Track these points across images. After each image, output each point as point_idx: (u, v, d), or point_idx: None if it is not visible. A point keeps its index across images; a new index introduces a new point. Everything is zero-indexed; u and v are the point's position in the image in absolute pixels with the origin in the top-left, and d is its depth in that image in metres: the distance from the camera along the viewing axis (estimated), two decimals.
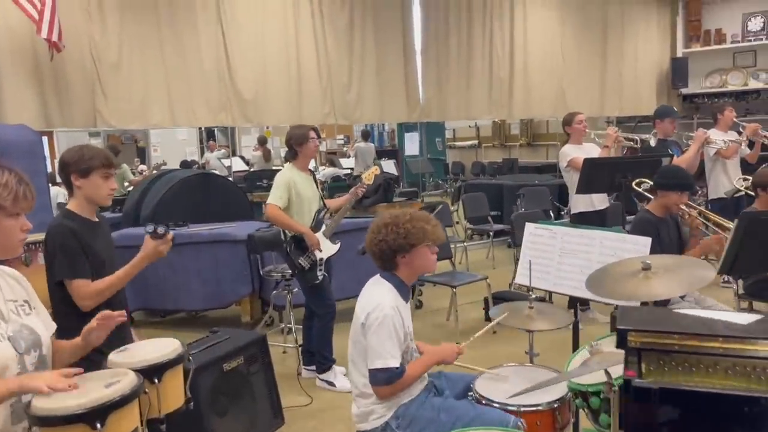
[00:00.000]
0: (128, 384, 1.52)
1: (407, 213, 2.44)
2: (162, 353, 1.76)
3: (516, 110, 8.16)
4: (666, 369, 1.14)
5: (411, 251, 2.37)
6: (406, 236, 2.35)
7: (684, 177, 3.67)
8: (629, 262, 2.45)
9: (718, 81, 9.50)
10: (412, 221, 2.37)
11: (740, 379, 1.09)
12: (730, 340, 1.06)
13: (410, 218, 2.39)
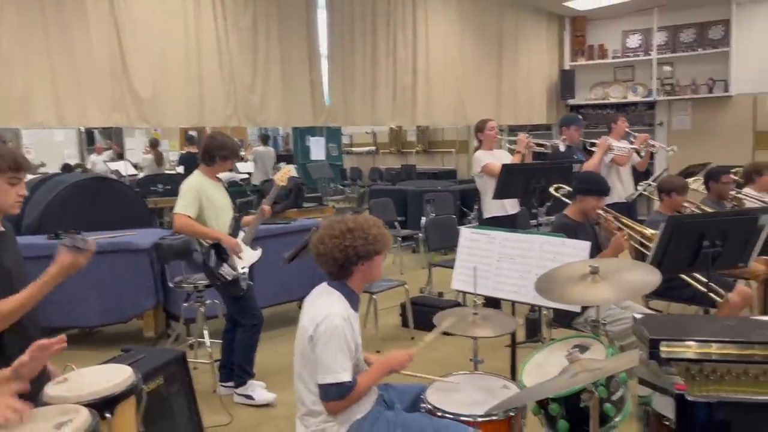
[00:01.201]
0: (82, 424, 1.27)
1: (365, 218, 2.31)
2: (112, 383, 1.51)
3: (419, 117, 8.24)
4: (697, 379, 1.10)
5: (373, 258, 2.26)
6: (373, 242, 2.23)
7: (601, 183, 3.82)
8: (575, 266, 2.48)
9: (601, 93, 10.14)
10: (378, 227, 2.26)
11: None
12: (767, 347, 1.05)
13: (375, 224, 2.27)
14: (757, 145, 9.02)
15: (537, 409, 2.23)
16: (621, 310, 3.55)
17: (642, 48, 9.78)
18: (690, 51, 9.37)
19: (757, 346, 1.05)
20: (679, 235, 2.94)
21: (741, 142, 9.09)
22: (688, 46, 9.42)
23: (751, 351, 1.06)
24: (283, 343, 2.44)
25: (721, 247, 3.01)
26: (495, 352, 3.38)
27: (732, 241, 3.05)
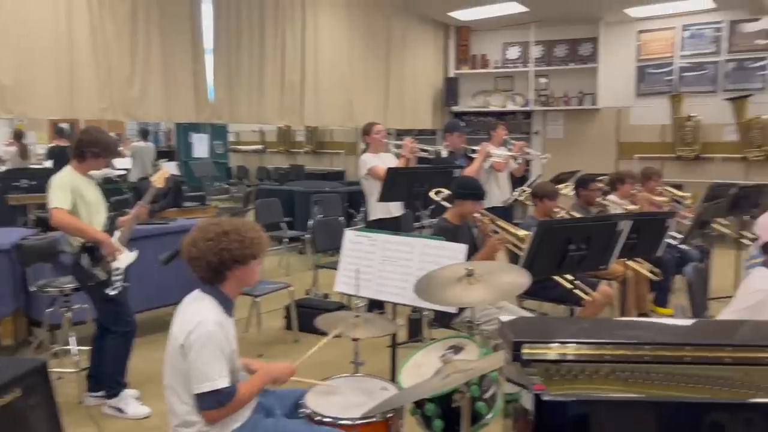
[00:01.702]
0: None
1: (242, 221, 2.26)
2: None
3: (307, 117, 8.19)
4: (555, 378, 1.17)
5: (249, 263, 2.20)
6: (249, 246, 2.17)
7: (478, 187, 3.97)
8: (453, 269, 2.56)
9: (483, 101, 10.58)
10: (255, 230, 2.21)
11: (618, 383, 1.17)
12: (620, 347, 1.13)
13: (252, 227, 2.22)
14: (620, 154, 9.79)
15: (414, 409, 2.28)
16: (496, 309, 3.71)
17: (521, 60, 10.32)
18: (563, 65, 10.01)
19: (607, 346, 1.14)
20: (548, 239, 3.12)
21: (606, 151, 9.84)
22: (561, 61, 10.05)
23: (602, 351, 1.14)
24: (158, 349, 2.33)
25: (586, 251, 3.23)
26: (377, 353, 3.42)
27: (595, 244, 3.28)
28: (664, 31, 9.34)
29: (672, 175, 9.23)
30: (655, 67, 9.46)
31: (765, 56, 8.66)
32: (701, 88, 9.11)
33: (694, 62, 9.16)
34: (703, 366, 1.15)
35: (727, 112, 8.78)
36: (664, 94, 9.33)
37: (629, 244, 3.85)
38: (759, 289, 2.56)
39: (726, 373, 1.18)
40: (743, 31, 8.80)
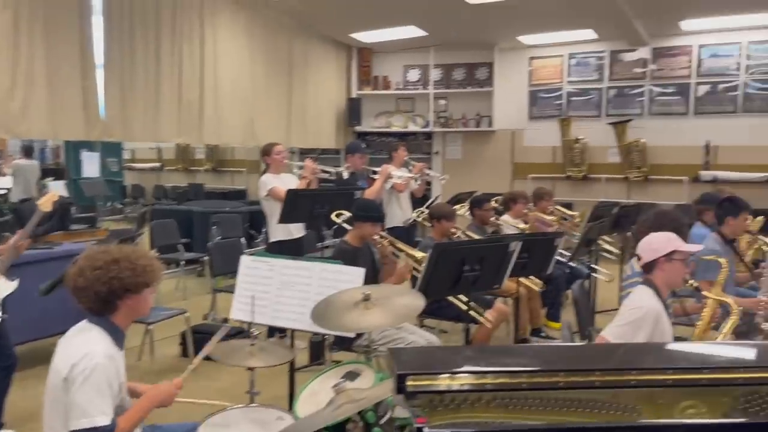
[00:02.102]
0: None
1: (133, 249, 2.17)
2: None
3: (206, 135, 7.98)
4: (439, 409, 1.20)
5: (141, 292, 2.11)
6: (141, 274, 2.08)
7: (377, 210, 4.03)
8: (349, 293, 2.57)
9: (385, 122, 10.75)
10: (147, 257, 2.12)
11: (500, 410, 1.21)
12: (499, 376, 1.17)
13: (144, 254, 2.13)
14: (515, 174, 10.23)
15: None
16: (396, 330, 3.76)
17: (421, 82, 10.59)
18: (461, 88, 10.37)
19: (488, 375, 1.18)
20: (443, 261, 3.20)
21: (502, 171, 10.26)
22: (459, 84, 10.41)
23: (483, 380, 1.18)
24: (41, 384, 2.17)
25: (479, 271, 3.34)
26: (277, 378, 3.35)
27: (488, 265, 3.39)
28: (553, 59, 9.90)
29: (562, 195, 9.76)
30: (545, 92, 10.00)
31: (642, 84, 9.36)
32: (587, 113, 9.71)
33: (580, 88, 9.76)
34: (576, 390, 1.22)
35: (610, 136, 9.41)
36: (554, 118, 9.86)
37: (521, 263, 4.03)
38: (639, 306, 2.74)
39: (598, 396, 1.25)
40: (623, 60, 9.49)
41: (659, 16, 8.12)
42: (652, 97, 9.31)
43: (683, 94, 9.11)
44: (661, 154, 9.19)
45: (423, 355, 1.52)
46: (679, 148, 9.06)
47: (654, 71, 9.26)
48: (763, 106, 8.64)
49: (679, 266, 2.81)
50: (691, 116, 9.07)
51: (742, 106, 8.74)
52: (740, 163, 8.70)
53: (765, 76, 8.61)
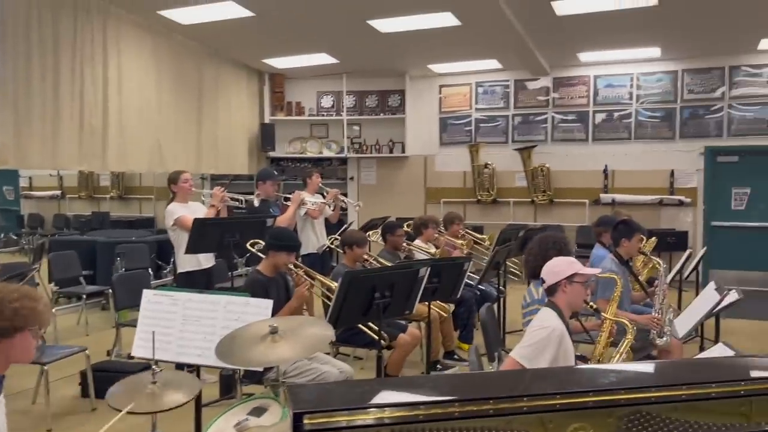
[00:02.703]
0: None
1: (9, 288, 2.02)
2: None
3: (110, 161, 7.65)
4: None
5: (14, 336, 1.97)
6: (12, 318, 1.94)
7: (292, 239, 3.99)
8: (256, 326, 2.52)
9: (299, 148, 10.72)
10: (21, 300, 1.98)
11: None
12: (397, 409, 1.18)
13: (22, 295, 1.99)
14: (428, 199, 10.45)
15: None
16: (308, 361, 3.71)
17: (334, 108, 10.66)
18: (374, 115, 10.53)
19: (386, 409, 1.19)
20: (354, 289, 3.21)
21: (416, 196, 10.44)
22: (372, 111, 10.56)
23: (381, 414, 1.18)
24: None
25: (390, 298, 3.37)
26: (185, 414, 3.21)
27: (398, 291, 3.43)
28: (462, 87, 10.24)
29: (473, 218, 10.06)
30: (455, 118, 10.31)
31: (545, 111, 9.84)
32: (495, 139, 10.08)
33: (488, 115, 10.13)
34: (472, 420, 1.25)
35: (516, 161, 9.80)
36: (464, 144, 10.17)
37: (431, 288, 4.10)
38: (545, 327, 2.84)
39: (493, 424, 1.28)
40: (527, 89, 9.94)
41: (558, 47, 8.59)
42: (554, 124, 9.79)
43: (583, 121, 9.64)
44: (564, 178, 9.65)
45: (321, 391, 1.50)
46: (581, 173, 9.56)
47: (556, 99, 9.76)
48: (653, 133, 9.27)
49: (580, 288, 2.94)
50: (590, 142, 9.60)
51: (635, 132, 9.35)
52: (635, 186, 9.28)
53: (653, 105, 9.26)
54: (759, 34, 7.88)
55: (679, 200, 9.07)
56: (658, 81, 9.25)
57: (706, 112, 9.01)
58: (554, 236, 3.88)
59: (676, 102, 9.14)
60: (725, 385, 1.35)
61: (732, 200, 9.03)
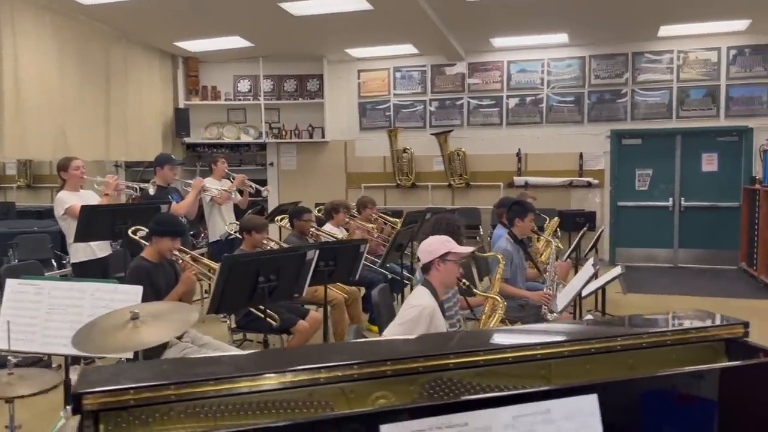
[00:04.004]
0: None
1: None
2: None
3: (8, 148, 7.27)
4: (124, 425, 1.18)
5: None
6: None
7: (176, 224, 3.90)
8: (118, 314, 2.46)
9: (216, 133, 10.49)
10: None
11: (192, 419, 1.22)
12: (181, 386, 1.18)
13: None
14: (349, 184, 10.45)
15: None
16: (197, 348, 3.66)
17: (251, 93, 10.48)
18: (293, 99, 10.41)
19: (171, 386, 1.18)
20: (236, 273, 3.18)
21: (337, 181, 10.43)
22: (290, 95, 10.45)
23: (168, 392, 1.18)
24: None
25: (276, 281, 3.36)
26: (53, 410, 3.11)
27: (285, 275, 3.42)
28: (380, 72, 10.26)
29: (393, 203, 10.15)
30: (374, 103, 10.33)
31: (461, 97, 9.98)
32: (413, 124, 10.17)
33: (406, 100, 10.19)
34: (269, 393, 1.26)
35: (434, 145, 9.92)
36: (383, 129, 10.21)
37: (327, 271, 4.12)
38: (415, 305, 2.91)
39: (294, 396, 1.30)
40: (444, 74, 10.05)
41: (471, 33, 8.72)
42: (470, 108, 9.96)
43: (497, 106, 9.84)
44: (480, 161, 9.85)
45: (114, 372, 1.49)
46: (495, 156, 9.77)
47: (471, 85, 9.92)
48: (563, 117, 9.57)
49: (452, 267, 3.02)
50: (504, 127, 9.82)
51: (547, 117, 9.62)
52: (546, 168, 9.57)
53: (563, 90, 9.55)
54: (658, 21, 8.22)
55: (588, 182, 9.41)
56: (568, 66, 9.53)
57: (612, 96, 9.36)
58: (447, 218, 3.97)
59: (584, 87, 9.46)
60: (521, 350, 1.41)
61: (636, 181, 9.45)
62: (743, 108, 8.82)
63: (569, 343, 1.44)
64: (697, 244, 9.25)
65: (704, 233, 9.15)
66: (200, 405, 1.23)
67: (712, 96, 8.93)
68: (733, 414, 1.51)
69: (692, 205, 9.20)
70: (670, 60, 9.06)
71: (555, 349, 1.43)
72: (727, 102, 8.88)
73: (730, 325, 1.60)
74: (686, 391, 1.50)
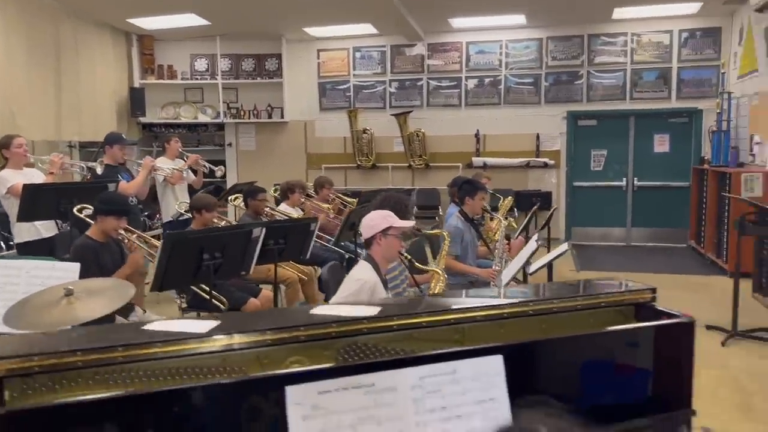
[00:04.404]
0: None
1: None
2: None
3: None
4: (30, 392, 1.18)
5: None
6: None
7: (121, 203, 3.86)
8: (52, 290, 2.44)
9: (173, 113, 10.32)
10: None
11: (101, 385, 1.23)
12: (88, 353, 1.19)
13: None
14: (309, 164, 10.41)
15: None
16: None
17: (209, 72, 10.32)
18: (251, 79, 10.29)
19: (78, 353, 1.19)
20: (179, 251, 3.16)
21: (297, 162, 10.38)
22: (249, 74, 10.32)
23: (75, 358, 1.19)
24: None
25: (221, 259, 3.35)
26: None
27: (230, 253, 3.42)
28: (340, 51, 10.20)
29: (354, 184, 10.16)
30: (334, 84, 10.27)
31: (421, 77, 10.00)
32: (373, 105, 10.15)
33: (366, 81, 10.16)
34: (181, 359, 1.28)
35: (394, 126, 9.93)
36: (343, 109, 10.17)
37: (278, 249, 4.12)
38: (357, 279, 2.94)
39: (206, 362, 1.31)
40: (403, 54, 10.04)
41: (429, 12, 8.71)
42: (430, 89, 9.98)
43: (457, 87, 9.89)
44: (439, 142, 9.91)
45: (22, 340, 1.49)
46: (455, 137, 9.83)
47: (431, 66, 9.93)
48: (521, 98, 9.67)
49: (394, 241, 3.06)
50: (463, 107, 9.88)
51: (505, 98, 9.71)
52: (504, 149, 9.67)
53: (521, 72, 9.64)
54: (612, 4, 8.34)
55: (545, 162, 9.55)
56: (526, 48, 9.61)
57: (568, 78, 9.49)
58: (396, 196, 4.00)
59: (541, 68, 9.56)
60: (434, 315, 1.46)
61: (591, 161, 9.63)
62: (693, 90, 9.04)
63: (482, 309, 1.49)
64: (650, 223, 9.49)
65: (656, 213, 9.40)
66: (110, 371, 1.24)
67: (664, 78, 9.12)
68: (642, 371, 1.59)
69: (645, 185, 9.43)
70: (624, 42, 9.21)
71: (467, 314, 1.47)
72: (678, 84, 9.09)
73: (639, 291, 1.67)
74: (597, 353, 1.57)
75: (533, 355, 1.45)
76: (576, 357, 1.52)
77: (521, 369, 1.40)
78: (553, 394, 1.43)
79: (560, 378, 1.49)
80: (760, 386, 4.10)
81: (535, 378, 1.45)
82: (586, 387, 1.54)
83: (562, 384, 1.49)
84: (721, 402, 3.89)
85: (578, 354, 1.53)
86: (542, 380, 1.46)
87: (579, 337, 1.51)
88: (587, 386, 1.55)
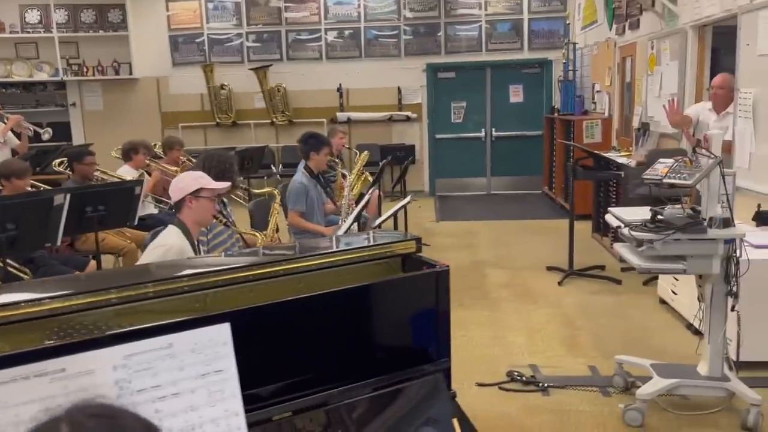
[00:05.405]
0: None
1: None
2: None
3: None
4: None
5: None
6: None
7: None
8: None
9: (4, 71, 9.30)
10: None
11: None
12: None
13: None
14: (165, 124, 9.81)
15: None
16: None
17: (42, 24, 9.34)
18: (92, 32, 9.45)
19: None
20: None
21: (151, 121, 9.72)
22: (89, 27, 9.46)
23: None
24: None
25: (17, 230, 3.01)
26: None
27: (29, 223, 3.08)
28: (191, 2, 9.56)
29: (214, 142, 9.71)
30: (186, 37, 9.66)
31: (279, 30, 9.61)
32: (230, 59, 9.67)
33: (221, 34, 9.63)
34: None
35: (254, 81, 9.52)
36: (197, 64, 9.61)
37: (98, 216, 3.80)
38: (161, 245, 2.72)
39: None
40: (258, 5, 9.58)
41: None
42: (289, 42, 9.64)
43: (316, 40, 9.61)
44: (302, 97, 9.65)
45: None
46: (317, 92, 9.61)
47: (289, 18, 9.56)
48: (382, 51, 9.58)
49: (207, 203, 2.86)
50: (324, 61, 9.65)
51: (365, 50, 9.57)
52: (368, 104, 9.59)
53: (380, 24, 9.52)
54: None
55: (407, 116, 9.59)
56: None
57: (427, 30, 9.50)
58: (219, 155, 3.75)
59: (400, 20, 9.48)
60: (163, 283, 1.32)
61: (452, 114, 9.79)
62: (544, 41, 9.36)
63: (223, 272, 1.37)
64: (508, 172, 9.85)
65: (513, 162, 9.75)
66: None
67: (517, 29, 9.36)
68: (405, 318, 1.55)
69: (502, 135, 9.74)
70: None
71: (203, 279, 1.35)
72: (529, 35, 9.36)
73: (403, 242, 1.62)
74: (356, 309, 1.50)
75: (280, 318, 1.36)
76: (333, 315, 1.44)
77: (264, 334, 1.30)
78: (304, 355, 1.35)
79: (312, 338, 1.41)
80: (587, 321, 4.37)
81: (280, 342, 1.36)
82: (343, 344, 1.48)
83: (315, 344, 1.42)
84: (549, 338, 4.10)
85: (336, 312, 1.45)
86: (289, 343, 1.37)
87: (334, 293, 1.42)
88: (345, 343, 1.48)
